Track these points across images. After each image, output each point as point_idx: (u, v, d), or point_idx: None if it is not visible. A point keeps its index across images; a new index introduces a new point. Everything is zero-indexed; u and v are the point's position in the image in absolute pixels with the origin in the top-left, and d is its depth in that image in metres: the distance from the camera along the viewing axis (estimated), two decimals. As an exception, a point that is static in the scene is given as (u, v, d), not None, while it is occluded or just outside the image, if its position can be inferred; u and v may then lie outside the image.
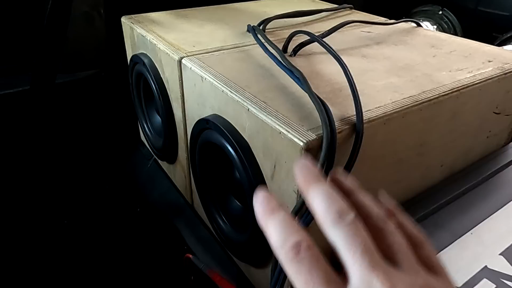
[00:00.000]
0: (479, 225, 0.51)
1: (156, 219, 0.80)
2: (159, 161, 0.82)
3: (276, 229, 0.23)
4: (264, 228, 0.24)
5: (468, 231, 0.50)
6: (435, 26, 1.21)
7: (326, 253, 0.23)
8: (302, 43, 0.57)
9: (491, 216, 0.52)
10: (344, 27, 0.65)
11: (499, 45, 1.11)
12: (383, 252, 0.23)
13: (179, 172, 0.72)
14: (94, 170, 0.99)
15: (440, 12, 1.22)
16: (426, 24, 1.21)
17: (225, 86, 0.47)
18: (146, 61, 0.67)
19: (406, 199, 0.53)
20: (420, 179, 0.54)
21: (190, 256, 0.54)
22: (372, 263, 0.21)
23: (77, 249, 0.81)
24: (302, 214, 0.39)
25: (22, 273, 0.76)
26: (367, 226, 0.23)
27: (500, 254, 0.46)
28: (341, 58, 0.47)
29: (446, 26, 1.21)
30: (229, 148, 0.46)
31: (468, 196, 0.55)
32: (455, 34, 1.21)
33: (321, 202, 0.23)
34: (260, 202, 0.26)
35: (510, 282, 0.43)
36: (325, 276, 0.22)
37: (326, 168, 0.37)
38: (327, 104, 0.40)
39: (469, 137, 0.57)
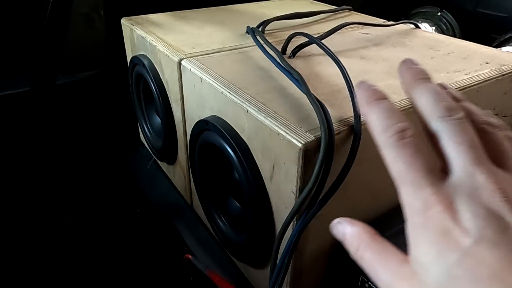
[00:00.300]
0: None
1: (156, 220, 0.80)
2: (159, 162, 0.83)
3: (381, 114, 0.23)
4: (366, 113, 0.24)
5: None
6: (433, 28, 1.22)
7: (327, 253, 0.24)
8: (300, 44, 0.57)
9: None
10: (342, 28, 0.65)
11: (498, 46, 1.11)
12: (490, 155, 0.22)
13: (178, 173, 0.72)
14: (94, 171, 0.99)
15: (439, 14, 1.23)
16: (424, 26, 1.21)
17: (224, 88, 0.47)
18: (145, 62, 0.67)
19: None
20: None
21: (190, 256, 0.55)
22: (478, 158, 0.21)
23: (77, 250, 0.81)
24: (301, 214, 0.39)
25: (22, 273, 0.76)
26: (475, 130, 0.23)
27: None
28: (339, 60, 0.48)
29: (444, 28, 1.22)
30: (228, 149, 0.47)
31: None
32: (454, 35, 1.22)
33: (430, 97, 0.23)
34: (365, 88, 0.26)
35: None
36: (428, 164, 0.21)
37: (324, 170, 0.37)
38: (326, 105, 0.40)
39: (467, 138, 0.58)
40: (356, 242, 0.24)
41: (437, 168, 0.22)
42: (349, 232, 0.25)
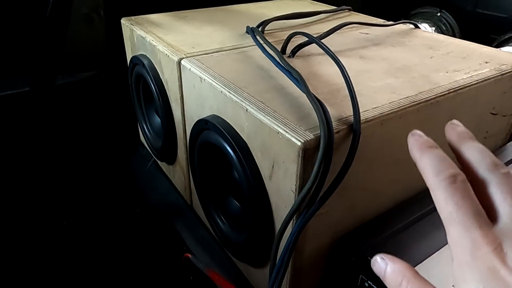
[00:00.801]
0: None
1: (156, 219, 0.80)
2: (159, 162, 0.83)
3: (434, 159, 0.26)
4: (419, 157, 0.26)
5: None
6: (433, 28, 1.22)
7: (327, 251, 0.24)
8: (300, 44, 0.57)
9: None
10: (342, 28, 0.66)
11: (497, 46, 1.11)
12: None
13: (178, 172, 0.72)
14: (94, 171, 0.99)
15: (439, 14, 1.23)
16: (424, 26, 1.22)
17: (224, 87, 0.47)
18: (145, 62, 0.67)
19: (404, 199, 0.53)
20: (418, 179, 0.54)
21: (189, 255, 0.55)
22: None
23: (77, 250, 0.81)
24: (300, 213, 0.39)
25: (22, 273, 0.76)
26: None
27: None
28: (338, 59, 0.48)
29: (444, 28, 1.22)
30: (228, 148, 0.47)
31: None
32: (453, 36, 1.22)
33: (479, 152, 0.26)
34: (418, 135, 0.28)
35: None
36: (476, 207, 0.23)
37: (324, 168, 0.37)
38: (325, 104, 0.40)
39: (466, 138, 0.58)
40: (399, 278, 0.25)
41: (484, 213, 0.23)
42: (390, 268, 0.26)
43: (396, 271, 0.26)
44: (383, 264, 0.26)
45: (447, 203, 0.23)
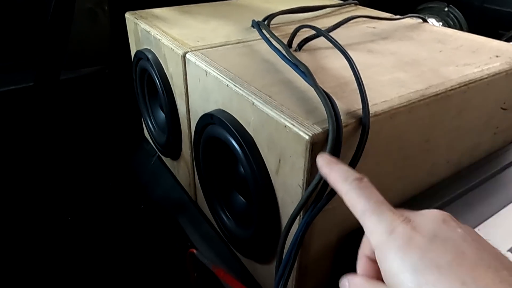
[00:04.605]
0: (486, 221, 0.50)
1: (160, 216, 0.79)
2: (163, 157, 0.82)
3: (341, 170, 0.30)
4: (329, 172, 0.31)
5: (475, 227, 0.49)
6: (440, 23, 1.20)
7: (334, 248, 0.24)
8: (307, 37, 0.56)
9: (499, 213, 0.51)
10: (349, 22, 0.64)
11: (505, 42, 1.09)
12: None
13: (182, 168, 0.71)
14: (98, 167, 0.98)
15: (446, 9, 1.21)
16: (431, 21, 1.20)
17: (230, 80, 0.46)
18: (150, 56, 0.66)
19: (412, 195, 0.53)
20: (426, 175, 0.53)
21: (194, 251, 0.54)
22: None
23: (81, 246, 0.81)
24: (307, 209, 0.38)
25: (27, 269, 0.76)
26: None
27: (508, 251, 0.46)
28: (347, 52, 0.47)
29: (451, 23, 1.20)
30: (234, 143, 0.46)
31: (475, 192, 0.55)
32: (461, 30, 1.20)
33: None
34: (325, 155, 0.33)
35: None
36: (382, 198, 0.27)
37: (332, 162, 0.36)
38: (333, 97, 0.40)
39: (476, 133, 0.57)
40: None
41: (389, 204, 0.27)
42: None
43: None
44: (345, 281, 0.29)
45: (359, 199, 0.27)
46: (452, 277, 0.22)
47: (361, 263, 0.29)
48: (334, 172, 0.30)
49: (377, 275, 0.27)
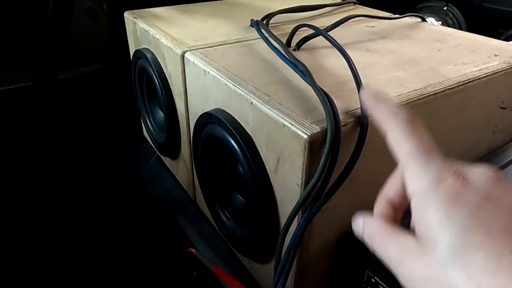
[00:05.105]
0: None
1: (159, 215, 0.79)
2: (162, 157, 0.82)
3: (391, 105, 0.27)
4: (375, 104, 0.28)
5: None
6: (439, 22, 1.20)
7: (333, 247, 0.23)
8: (306, 37, 0.56)
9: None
10: (348, 21, 0.64)
11: (505, 41, 1.09)
12: None
13: (182, 167, 0.71)
14: (97, 166, 0.98)
15: (445, 8, 1.21)
16: (430, 20, 1.20)
17: (228, 80, 0.46)
18: (149, 56, 0.66)
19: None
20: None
21: (193, 250, 0.54)
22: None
23: (81, 245, 0.81)
24: (306, 208, 0.38)
25: (26, 268, 0.76)
26: None
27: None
28: (345, 51, 0.47)
29: (451, 22, 1.20)
30: (232, 142, 0.46)
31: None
32: (460, 30, 1.20)
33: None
34: (372, 89, 0.30)
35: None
36: (434, 142, 0.25)
37: (330, 162, 0.36)
38: (332, 97, 0.40)
39: (475, 132, 0.57)
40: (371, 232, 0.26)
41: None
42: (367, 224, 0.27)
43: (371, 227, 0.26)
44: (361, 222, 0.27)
45: (408, 140, 0.24)
46: (503, 243, 0.19)
47: (380, 206, 0.27)
48: (383, 105, 0.27)
49: (395, 222, 0.25)
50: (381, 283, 0.41)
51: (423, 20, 0.73)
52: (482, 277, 0.19)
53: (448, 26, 1.21)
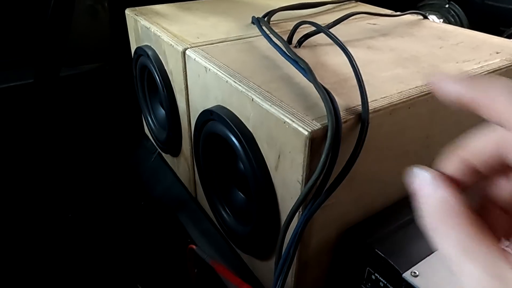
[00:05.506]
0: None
1: (160, 212, 0.80)
2: (163, 154, 0.82)
3: (478, 79, 0.19)
4: (489, 84, 0.19)
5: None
6: (441, 20, 1.20)
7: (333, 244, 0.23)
8: (307, 34, 0.56)
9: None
10: (349, 19, 0.64)
11: (507, 38, 1.09)
12: None
13: (183, 164, 0.71)
14: (98, 164, 0.99)
15: (447, 6, 1.21)
16: (432, 18, 1.20)
17: (229, 77, 0.46)
18: (150, 53, 0.66)
19: (412, 191, 0.53)
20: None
21: (194, 247, 0.54)
22: None
23: (82, 243, 0.81)
24: (307, 204, 0.38)
25: (27, 266, 0.76)
26: None
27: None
28: (346, 48, 0.47)
29: (452, 20, 1.20)
30: (233, 139, 0.46)
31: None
32: (462, 27, 1.20)
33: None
34: (444, 75, 0.20)
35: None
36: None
37: (331, 159, 0.36)
38: (332, 94, 0.40)
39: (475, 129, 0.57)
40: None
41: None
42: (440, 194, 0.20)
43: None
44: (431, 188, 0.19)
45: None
46: None
47: (457, 171, 0.20)
48: (500, 81, 0.18)
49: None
50: (381, 279, 0.41)
51: (425, 17, 0.73)
52: None
53: (450, 23, 1.20)
